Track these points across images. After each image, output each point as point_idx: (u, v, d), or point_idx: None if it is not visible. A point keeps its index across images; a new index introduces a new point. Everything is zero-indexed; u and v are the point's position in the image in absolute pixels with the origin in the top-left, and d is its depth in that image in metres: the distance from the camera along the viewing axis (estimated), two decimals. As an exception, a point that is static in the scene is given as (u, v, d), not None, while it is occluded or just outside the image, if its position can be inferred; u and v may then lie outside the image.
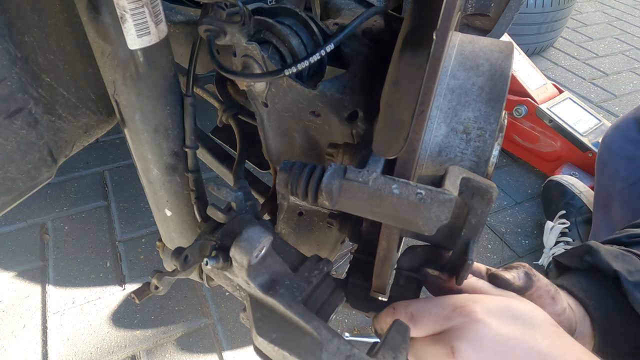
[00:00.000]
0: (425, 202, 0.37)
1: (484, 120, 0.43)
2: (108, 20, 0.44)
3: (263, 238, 0.44)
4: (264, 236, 0.45)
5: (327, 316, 0.47)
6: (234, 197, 0.52)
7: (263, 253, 0.46)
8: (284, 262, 0.48)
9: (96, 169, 1.84)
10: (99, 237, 1.56)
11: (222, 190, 0.51)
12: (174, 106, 0.54)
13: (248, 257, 0.44)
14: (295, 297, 0.44)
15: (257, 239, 0.44)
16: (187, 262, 0.47)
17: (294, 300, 0.44)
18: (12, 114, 0.48)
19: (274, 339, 0.43)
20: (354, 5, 0.65)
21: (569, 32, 3.17)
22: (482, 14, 0.70)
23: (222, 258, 0.47)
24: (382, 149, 0.40)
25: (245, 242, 0.44)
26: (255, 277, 0.45)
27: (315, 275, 0.47)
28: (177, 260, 0.47)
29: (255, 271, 0.46)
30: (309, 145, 0.63)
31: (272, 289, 0.45)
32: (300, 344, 0.42)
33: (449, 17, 0.38)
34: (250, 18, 0.52)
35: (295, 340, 0.42)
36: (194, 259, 0.48)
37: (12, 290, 1.38)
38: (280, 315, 0.44)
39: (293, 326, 0.43)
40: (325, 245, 0.78)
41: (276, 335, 0.43)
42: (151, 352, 1.25)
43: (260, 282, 0.45)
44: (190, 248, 0.48)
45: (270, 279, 0.46)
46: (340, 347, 0.41)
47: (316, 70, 0.58)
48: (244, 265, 0.44)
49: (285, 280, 0.46)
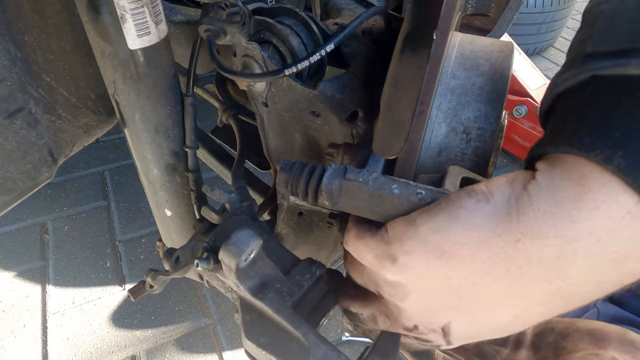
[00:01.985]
0: (425, 202, 0.37)
1: (484, 120, 0.43)
2: (108, 20, 0.44)
3: (252, 242, 0.44)
4: (253, 240, 0.44)
5: (318, 320, 0.46)
6: (227, 198, 0.52)
7: (253, 256, 0.45)
8: (275, 266, 0.48)
9: (96, 169, 1.84)
10: (99, 237, 1.56)
11: (215, 192, 0.51)
12: (174, 106, 0.54)
13: (236, 261, 0.43)
14: (284, 301, 0.44)
15: (245, 243, 0.44)
16: (179, 263, 0.47)
17: (283, 304, 0.43)
18: (12, 114, 0.48)
19: (262, 343, 0.43)
20: (354, 5, 0.65)
21: (569, 32, 3.17)
22: (482, 14, 0.70)
23: (212, 260, 0.47)
24: (382, 149, 0.40)
25: (234, 246, 0.43)
26: (245, 280, 0.45)
27: (307, 279, 0.47)
28: (169, 261, 0.47)
29: (245, 274, 0.45)
30: (309, 145, 0.63)
31: (261, 292, 0.45)
32: (287, 349, 0.42)
33: (449, 17, 0.38)
34: (250, 18, 0.52)
35: (283, 345, 0.42)
36: (186, 260, 0.48)
37: (12, 290, 1.38)
38: (269, 319, 0.44)
39: (281, 331, 0.43)
40: (325, 245, 0.78)
41: (264, 339, 0.43)
42: (151, 352, 1.25)
43: (249, 285, 0.45)
44: (182, 249, 0.48)
45: (260, 282, 0.46)
46: (327, 353, 0.40)
47: (316, 70, 0.58)
48: (232, 269, 0.44)
49: (276, 283, 0.46)
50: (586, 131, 0.28)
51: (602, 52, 0.29)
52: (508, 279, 0.32)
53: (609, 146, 0.27)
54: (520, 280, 0.32)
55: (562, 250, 0.29)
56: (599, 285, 0.30)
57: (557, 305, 0.33)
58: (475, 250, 0.32)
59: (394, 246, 0.36)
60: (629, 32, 0.28)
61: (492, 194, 0.32)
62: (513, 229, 0.31)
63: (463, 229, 0.32)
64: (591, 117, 0.29)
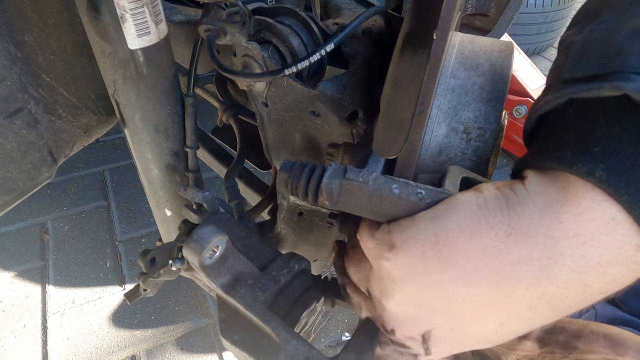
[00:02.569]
0: (425, 202, 0.37)
1: (484, 120, 0.43)
2: (108, 20, 0.44)
3: (214, 238, 0.43)
4: (215, 236, 0.43)
5: (297, 315, 0.45)
6: (201, 197, 0.51)
7: (221, 253, 0.45)
8: (249, 262, 0.47)
9: (96, 169, 1.84)
10: (99, 237, 1.56)
11: (188, 191, 0.51)
12: (174, 106, 0.54)
13: (198, 257, 0.43)
14: (256, 297, 0.43)
15: (206, 240, 0.43)
16: (155, 264, 0.47)
17: (254, 300, 0.43)
18: (12, 114, 0.48)
19: (235, 341, 0.42)
20: (354, 5, 0.65)
21: (569, 32, 3.17)
22: (482, 14, 0.70)
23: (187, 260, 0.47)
24: (382, 148, 0.40)
25: (195, 243, 0.43)
26: (217, 277, 0.44)
27: (284, 274, 0.46)
28: (143, 261, 0.47)
29: (215, 271, 0.44)
30: (309, 145, 0.63)
31: (233, 289, 0.44)
32: (259, 345, 0.41)
33: (449, 16, 0.38)
34: (250, 18, 0.52)
35: (256, 341, 0.42)
36: (162, 261, 0.47)
37: (12, 290, 1.38)
38: (242, 316, 0.43)
39: (254, 327, 0.42)
40: (325, 245, 0.78)
41: (237, 336, 0.43)
42: (151, 352, 1.25)
43: (222, 282, 0.44)
44: (157, 249, 0.48)
45: (233, 279, 0.45)
46: (298, 347, 0.40)
47: (316, 70, 0.58)
48: (196, 265, 0.44)
49: (249, 279, 0.45)
50: (568, 148, 0.30)
51: (578, 77, 0.31)
52: (497, 278, 0.33)
53: (590, 160, 0.29)
54: (509, 280, 0.32)
55: (550, 250, 0.30)
56: (585, 289, 0.31)
57: (543, 311, 0.33)
58: (468, 242, 0.33)
59: (394, 235, 0.37)
60: (599, 59, 0.30)
61: (486, 192, 0.34)
62: (504, 222, 0.32)
63: (457, 217, 0.34)
64: (572, 135, 0.31)
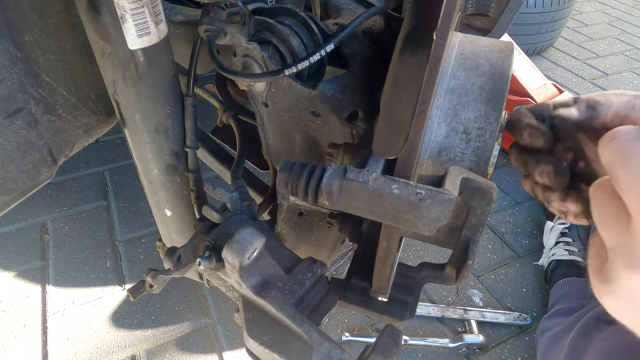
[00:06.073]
0: (425, 202, 0.37)
1: (484, 120, 0.43)
2: (108, 20, 0.44)
3: (255, 240, 0.44)
4: (257, 238, 0.44)
5: (319, 319, 0.46)
6: (228, 197, 0.52)
7: (256, 255, 0.46)
8: (277, 264, 0.48)
9: (96, 169, 1.84)
10: (99, 237, 1.56)
11: (217, 191, 0.51)
12: (174, 106, 0.54)
13: (240, 259, 0.44)
14: (287, 299, 0.44)
15: (249, 241, 0.44)
16: (180, 261, 0.47)
17: (285, 302, 0.44)
18: (12, 114, 0.48)
19: (265, 341, 0.43)
20: (354, 5, 0.65)
21: (569, 32, 3.17)
22: (482, 14, 0.70)
23: (215, 258, 0.47)
24: (382, 149, 0.40)
25: (238, 244, 0.44)
26: (248, 278, 0.45)
27: (309, 278, 0.47)
28: (170, 259, 0.47)
29: (248, 273, 0.45)
30: (309, 145, 0.63)
31: (264, 290, 0.45)
32: (290, 347, 0.42)
33: (449, 17, 0.38)
34: (250, 18, 0.52)
35: (286, 342, 0.42)
36: (187, 259, 0.48)
37: (12, 290, 1.38)
38: (271, 317, 0.44)
39: (284, 329, 0.43)
40: (325, 245, 0.78)
41: (267, 337, 0.43)
42: (151, 352, 1.25)
43: (252, 283, 0.45)
44: (183, 248, 0.48)
45: (263, 281, 0.46)
46: (330, 350, 0.40)
47: (316, 70, 0.58)
48: (235, 267, 0.44)
49: (278, 282, 0.46)
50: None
51: None
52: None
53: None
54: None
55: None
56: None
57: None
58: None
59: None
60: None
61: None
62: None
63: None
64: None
